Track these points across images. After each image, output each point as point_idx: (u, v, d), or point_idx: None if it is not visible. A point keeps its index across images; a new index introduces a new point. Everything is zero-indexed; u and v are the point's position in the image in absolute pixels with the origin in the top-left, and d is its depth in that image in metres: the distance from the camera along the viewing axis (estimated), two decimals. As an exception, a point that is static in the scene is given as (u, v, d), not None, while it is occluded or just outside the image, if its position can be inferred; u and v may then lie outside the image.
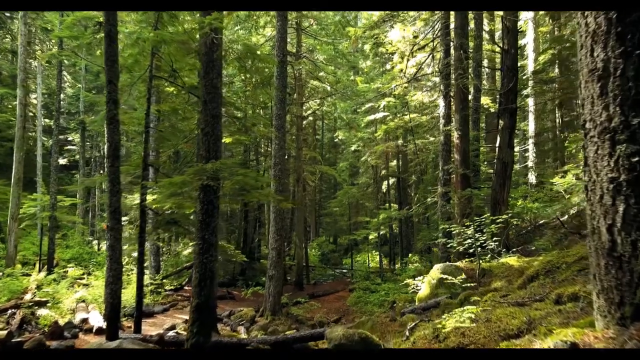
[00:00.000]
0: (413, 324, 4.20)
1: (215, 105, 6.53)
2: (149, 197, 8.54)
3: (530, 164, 21.50)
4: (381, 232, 25.02)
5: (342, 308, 16.17)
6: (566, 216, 15.46)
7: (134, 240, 18.39)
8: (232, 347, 7.32)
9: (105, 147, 7.66)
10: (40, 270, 18.27)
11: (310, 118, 27.63)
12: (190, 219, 8.74)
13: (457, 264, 7.88)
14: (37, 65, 23.28)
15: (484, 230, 7.96)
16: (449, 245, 8.92)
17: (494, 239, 8.41)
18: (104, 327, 10.26)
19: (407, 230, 26.05)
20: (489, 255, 8.61)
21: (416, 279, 8.83)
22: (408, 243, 26.25)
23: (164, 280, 15.18)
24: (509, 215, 7.88)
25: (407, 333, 4.26)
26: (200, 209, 6.29)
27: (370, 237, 24.49)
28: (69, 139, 33.41)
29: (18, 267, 18.63)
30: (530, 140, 21.53)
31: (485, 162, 20.30)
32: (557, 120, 22.43)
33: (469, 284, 7.38)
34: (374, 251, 26.72)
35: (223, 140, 10.20)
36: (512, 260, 7.79)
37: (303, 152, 21.96)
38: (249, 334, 11.08)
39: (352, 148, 26.12)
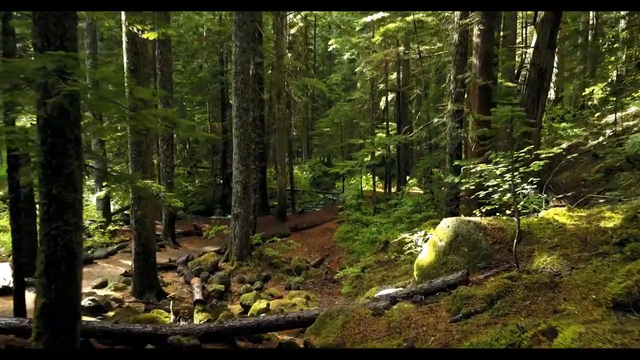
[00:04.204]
0: None
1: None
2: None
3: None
4: (377, 154, 22.43)
5: (327, 245, 14.09)
6: (595, 141, 12.75)
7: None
8: (142, 339, 5.04)
9: None
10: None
11: (301, 24, 23.59)
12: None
13: (477, 219, 5.33)
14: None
15: (520, 169, 5.28)
16: (463, 187, 6.29)
17: (530, 180, 5.79)
18: (12, 286, 8.06)
19: (406, 151, 23.48)
20: (520, 204, 6.04)
21: (415, 235, 6.37)
22: (406, 165, 23.85)
23: (117, 215, 12.83)
24: (564, 147, 5.13)
25: None
26: (42, 145, 3.55)
27: (365, 159, 22.00)
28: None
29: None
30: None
31: (501, 73, 17.05)
32: (591, 21, 18.70)
33: (496, 253, 4.90)
34: (368, 173, 24.31)
35: (144, 36, 7.11)
36: (559, 214, 5.22)
37: (286, 61, 18.50)
38: (204, 289, 8.94)
39: (346, 56, 22.49)
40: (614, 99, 15.87)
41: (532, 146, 5.04)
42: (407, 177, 23.33)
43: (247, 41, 10.31)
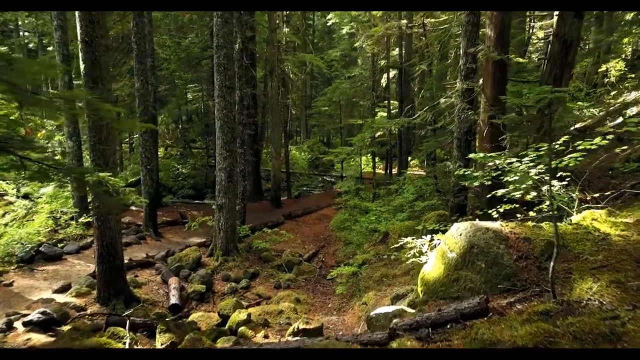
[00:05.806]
0: None
1: None
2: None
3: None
4: (377, 135, 21.34)
5: (323, 234, 13.17)
6: (614, 122, 11.64)
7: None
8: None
9: None
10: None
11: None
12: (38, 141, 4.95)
13: (496, 226, 4.33)
14: None
15: (552, 163, 4.24)
16: (475, 183, 5.24)
17: (559, 174, 4.77)
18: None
19: (408, 131, 22.34)
20: (545, 204, 5.02)
21: (419, 240, 5.38)
22: (408, 145, 22.75)
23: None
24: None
25: None
26: None
27: (367, 142, 20.81)
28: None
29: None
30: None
31: (512, 48, 15.76)
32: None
33: (522, 272, 3.91)
34: (368, 154, 23.23)
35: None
36: (599, 219, 4.22)
37: (280, 35, 17.20)
38: (183, 290, 8.05)
39: (345, 30, 21.09)
40: (633, 75, 14.63)
41: (570, 136, 3.98)
42: (409, 158, 22.24)
43: (230, 10, 9.11)
